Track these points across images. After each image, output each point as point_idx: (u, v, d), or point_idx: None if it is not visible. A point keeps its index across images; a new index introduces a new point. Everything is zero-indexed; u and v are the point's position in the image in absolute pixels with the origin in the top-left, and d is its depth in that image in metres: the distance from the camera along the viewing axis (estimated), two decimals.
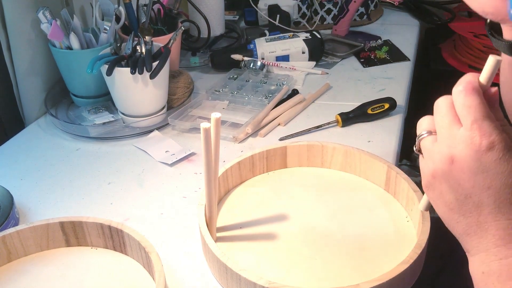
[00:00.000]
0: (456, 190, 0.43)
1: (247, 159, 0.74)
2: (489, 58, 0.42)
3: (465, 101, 0.41)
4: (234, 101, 0.98)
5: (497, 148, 0.40)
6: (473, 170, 0.41)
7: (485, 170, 0.41)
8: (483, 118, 0.41)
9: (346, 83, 1.07)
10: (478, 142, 0.40)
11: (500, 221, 0.41)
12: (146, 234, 0.62)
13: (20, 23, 0.91)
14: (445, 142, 0.42)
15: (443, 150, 0.43)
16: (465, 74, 0.43)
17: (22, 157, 0.88)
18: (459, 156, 0.41)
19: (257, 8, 1.32)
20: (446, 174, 0.43)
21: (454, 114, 0.43)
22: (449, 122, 0.43)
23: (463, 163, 0.41)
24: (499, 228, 0.41)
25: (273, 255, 0.63)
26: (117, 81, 0.87)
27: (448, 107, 0.43)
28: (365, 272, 0.59)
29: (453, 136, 0.42)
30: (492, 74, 0.43)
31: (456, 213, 0.44)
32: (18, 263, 0.64)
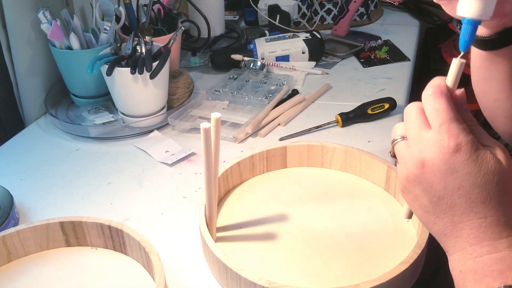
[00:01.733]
0: (429, 193, 0.44)
1: (247, 159, 0.74)
2: (453, 61, 0.43)
3: (434, 105, 0.43)
4: (234, 101, 0.98)
5: (464, 149, 0.41)
6: (443, 172, 0.42)
7: (454, 171, 0.42)
8: (450, 121, 0.42)
9: (346, 83, 1.07)
10: (446, 144, 0.42)
11: (473, 220, 0.43)
12: (146, 234, 0.62)
13: (20, 23, 0.91)
14: (416, 147, 0.44)
15: (414, 155, 0.44)
16: (434, 78, 0.45)
17: (22, 157, 0.88)
18: (429, 159, 0.43)
19: (257, 8, 1.32)
20: (418, 178, 0.44)
21: (423, 118, 0.44)
22: (418, 127, 0.44)
23: (433, 165, 0.43)
24: (473, 227, 0.43)
25: (273, 255, 0.63)
26: (117, 81, 0.87)
27: (417, 112, 0.45)
28: (365, 272, 0.59)
29: (423, 140, 0.43)
30: (457, 77, 0.44)
31: (432, 215, 0.45)
32: (18, 263, 0.64)
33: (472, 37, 0.43)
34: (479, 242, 0.42)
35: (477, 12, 0.41)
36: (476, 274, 0.42)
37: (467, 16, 0.42)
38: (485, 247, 0.42)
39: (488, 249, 0.42)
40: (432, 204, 0.44)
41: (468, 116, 0.45)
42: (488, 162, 0.42)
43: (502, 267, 0.41)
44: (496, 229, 0.42)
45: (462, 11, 0.42)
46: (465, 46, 0.43)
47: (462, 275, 0.43)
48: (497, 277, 0.41)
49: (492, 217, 0.42)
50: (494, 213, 0.42)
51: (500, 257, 0.42)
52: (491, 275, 0.41)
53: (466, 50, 0.43)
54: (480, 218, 0.42)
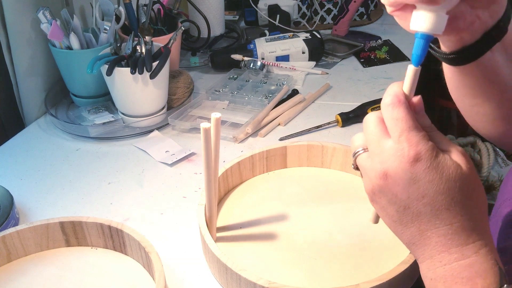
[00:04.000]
0: (395, 203, 0.44)
1: (247, 159, 0.74)
2: (408, 68, 0.43)
3: (393, 114, 0.43)
4: (234, 101, 0.98)
5: (425, 157, 0.41)
6: (406, 182, 0.42)
7: (417, 180, 0.42)
8: (409, 129, 0.42)
9: (346, 83, 1.07)
10: (407, 154, 0.42)
11: (439, 228, 0.43)
12: (146, 234, 0.62)
13: (20, 23, 0.91)
14: (377, 158, 0.44)
15: (376, 167, 0.44)
16: (390, 85, 0.44)
17: (22, 157, 0.88)
18: (391, 170, 0.43)
19: (257, 8, 1.32)
20: (383, 189, 0.44)
21: (382, 128, 0.44)
22: (378, 137, 0.44)
23: (396, 176, 0.43)
24: (440, 235, 0.43)
25: (273, 255, 0.63)
26: (117, 81, 0.87)
27: (376, 122, 0.45)
28: (365, 272, 0.59)
29: (383, 150, 0.43)
30: (414, 84, 0.44)
31: (399, 225, 0.45)
32: (18, 263, 0.64)
33: (425, 52, 0.43)
34: (447, 249, 0.43)
35: (429, 26, 0.41)
36: (446, 282, 0.42)
37: (419, 31, 0.42)
38: (453, 254, 0.42)
39: (456, 256, 0.42)
40: (399, 214, 0.44)
41: (426, 122, 0.45)
42: (449, 168, 0.42)
43: (471, 273, 0.41)
44: (463, 235, 0.42)
45: (415, 25, 0.42)
46: (418, 61, 0.43)
47: (433, 283, 0.44)
48: (466, 284, 0.41)
49: (458, 223, 0.42)
50: (460, 219, 0.42)
51: (468, 263, 0.42)
52: (461, 282, 0.42)
53: (418, 64, 0.43)
54: (446, 225, 0.42)
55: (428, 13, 0.41)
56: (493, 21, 0.46)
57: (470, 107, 0.58)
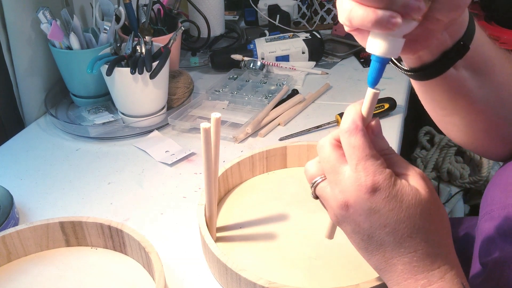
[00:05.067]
0: (358, 232, 0.44)
1: (247, 159, 0.74)
2: (367, 91, 0.43)
3: (350, 141, 0.42)
4: (234, 101, 0.98)
5: (382, 186, 0.41)
6: (366, 212, 0.42)
7: (377, 210, 0.42)
8: (366, 158, 0.42)
9: (346, 83, 1.07)
10: (364, 184, 0.41)
11: (404, 255, 0.43)
12: (146, 234, 0.62)
13: (20, 23, 0.91)
14: (337, 188, 0.43)
15: (337, 197, 0.43)
16: (348, 108, 0.45)
17: (22, 157, 0.88)
18: (351, 200, 0.42)
19: (257, 8, 1.32)
20: (346, 219, 0.44)
21: (337, 154, 0.44)
22: (335, 164, 0.43)
23: (357, 206, 0.42)
24: (405, 263, 0.43)
25: (273, 255, 0.63)
26: (117, 81, 0.87)
27: (330, 149, 0.44)
28: (365, 272, 0.59)
29: (342, 179, 0.43)
30: (372, 106, 0.44)
31: (365, 252, 0.45)
32: (18, 263, 0.64)
33: (380, 74, 0.42)
34: (413, 276, 0.43)
35: (384, 51, 0.41)
36: None
37: (375, 53, 0.42)
38: (420, 280, 0.42)
39: (423, 282, 0.42)
40: (363, 242, 0.44)
41: (384, 145, 0.45)
42: (408, 195, 0.42)
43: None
44: (428, 261, 0.42)
45: (370, 48, 0.42)
46: (373, 82, 0.42)
47: None
48: None
49: (422, 250, 0.42)
50: (423, 245, 0.42)
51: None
52: None
53: (374, 86, 0.43)
54: (410, 253, 0.42)
55: (382, 38, 0.40)
56: (453, 41, 0.46)
57: (440, 117, 0.58)
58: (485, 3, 1.36)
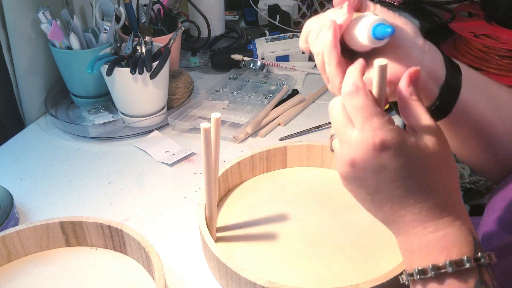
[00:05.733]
0: (365, 187, 0.44)
1: (247, 159, 0.74)
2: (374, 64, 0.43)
3: (353, 103, 0.43)
4: (234, 101, 0.98)
5: (390, 144, 0.41)
6: (374, 169, 0.42)
7: (384, 167, 0.42)
8: (371, 117, 0.42)
9: None
10: (372, 142, 0.41)
11: (413, 207, 0.43)
12: (146, 234, 0.62)
13: (20, 23, 0.91)
14: (344, 146, 0.44)
15: (344, 154, 0.44)
16: (348, 71, 0.45)
17: (22, 157, 0.88)
18: (358, 159, 0.43)
19: (257, 8, 1.32)
20: (351, 176, 0.44)
21: (345, 116, 0.44)
22: (342, 126, 0.44)
23: (364, 164, 0.43)
24: (414, 213, 0.43)
25: (273, 255, 0.63)
26: (117, 81, 0.87)
27: (339, 110, 0.45)
28: (365, 272, 0.59)
29: (349, 139, 0.43)
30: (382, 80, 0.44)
31: (372, 205, 0.45)
32: (18, 263, 0.64)
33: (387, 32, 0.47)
34: (422, 224, 0.43)
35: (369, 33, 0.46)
36: (422, 253, 0.43)
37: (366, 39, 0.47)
38: (428, 227, 0.43)
39: (431, 229, 0.43)
40: (370, 196, 0.45)
41: None
42: (418, 151, 0.42)
43: (446, 243, 0.42)
44: (436, 210, 0.43)
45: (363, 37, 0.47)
46: None
47: (409, 254, 0.45)
48: (441, 253, 0.42)
49: (431, 201, 0.43)
50: (433, 198, 0.43)
51: (443, 234, 0.42)
52: (436, 252, 0.42)
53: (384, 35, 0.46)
54: (420, 203, 0.43)
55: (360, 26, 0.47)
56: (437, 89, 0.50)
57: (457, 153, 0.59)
58: (485, 3, 1.36)
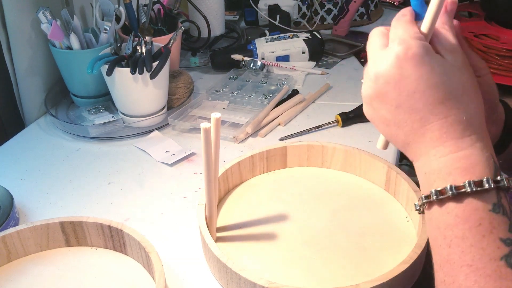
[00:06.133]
0: (386, 103, 0.45)
1: (247, 159, 0.74)
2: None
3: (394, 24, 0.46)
4: (234, 101, 0.98)
5: (415, 52, 0.42)
6: (396, 79, 0.43)
7: (407, 76, 0.42)
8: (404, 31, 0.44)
9: (346, 83, 1.07)
10: (396, 51, 0.43)
11: (433, 122, 0.43)
12: (146, 234, 0.62)
13: (20, 23, 0.91)
14: (371, 63, 0.45)
15: (369, 70, 0.45)
16: None
17: (22, 157, 0.88)
18: (382, 70, 0.44)
19: (257, 8, 1.32)
20: (374, 91, 0.45)
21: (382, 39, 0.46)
22: (376, 46, 0.46)
23: (386, 75, 0.43)
24: (434, 130, 0.43)
25: (273, 255, 0.63)
26: (117, 81, 0.87)
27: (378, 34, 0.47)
28: (365, 272, 0.59)
29: (378, 55, 0.45)
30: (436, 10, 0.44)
31: (393, 126, 0.45)
32: (18, 263, 0.64)
33: None
34: (442, 143, 0.43)
35: None
36: (441, 173, 0.42)
37: None
38: (448, 147, 0.42)
39: (451, 149, 0.42)
40: (391, 115, 0.45)
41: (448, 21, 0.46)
42: (442, 64, 0.42)
43: (466, 164, 0.41)
44: (458, 127, 0.42)
45: None
46: None
47: (427, 176, 0.44)
48: (461, 174, 0.41)
49: (453, 116, 0.42)
50: (455, 112, 0.42)
51: (463, 155, 0.42)
52: (455, 172, 0.41)
53: None
54: (440, 119, 0.42)
55: None
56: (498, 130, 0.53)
57: None
58: (485, 3, 1.36)
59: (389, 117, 0.45)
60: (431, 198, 0.42)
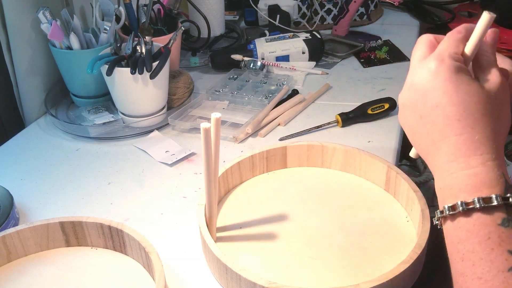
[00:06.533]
0: (414, 111, 0.48)
1: (247, 159, 0.74)
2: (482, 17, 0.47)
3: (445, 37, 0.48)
4: (234, 101, 0.98)
5: (446, 69, 0.45)
6: (425, 89, 0.46)
7: (435, 89, 0.46)
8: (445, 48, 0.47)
9: (346, 83, 1.07)
10: (431, 64, 0.46)
11: (449, 137, 0.45)
12: (146, 234, 0.62)
13: (20, 23, 0.91)
14: (411, 73, 0.49)
15: (407, 79, 0.49)
16: None
17: (22, 157, 0.88)
18: (416, 79, 0.47)
19: (257, 8, 1.32)
20: (407, 98, 0.49)
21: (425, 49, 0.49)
22: (419, 54, 0.49)
23: (419, 84, 0.47)
24: (449, 145, 0.45)
25: (273, 255, 0.63)
26: (117, 81, 0.87)
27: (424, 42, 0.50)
28: (365, 272, 0.59)
29: (417, 65, 0.48)
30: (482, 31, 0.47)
31: (418, 135, 0.49)
32: (18, 263, 0.64)
33: None
34: (456, 159, 0.45)
35: None
36: (453, 189, 0.45)
37: None
38: (461, 163, 0.44)
39: (463, 166, 0.44)
40: (417, 123, 0.48)
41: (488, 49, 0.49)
42: (469, 85, 0.45)
43: (475, 182, 0.43)
44: (471, 146, 0.44)
45: None
46: None
47: (441, 192, 0.46)
48: (471, 191, 0.43)
49: (467, 134, 0.44)
50: (469, 131, 0.44)
51: (473, 173, 0.44)
52: (465, 189, 0.44)
53: None
54: (456, 135, 0.45)
55: None
56: None
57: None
58: (485, 3, 1.36)
59: (415, 126, 0.49)
60: (445, 213, 0.45)
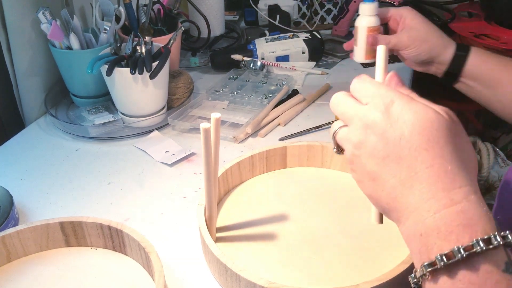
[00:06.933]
0: (374, 156, 0.42)
1: (247, 159, 0.74)
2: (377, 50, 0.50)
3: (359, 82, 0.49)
4: (234, 101, 0.98)
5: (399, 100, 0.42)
6: (383, 128, 0.42)
7: (393, 123, 0.41)
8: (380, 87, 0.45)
9: (346, 83, 1.06)
10: (382, 101, 0.43)
11: (421, 171, 0.40)
12: (146, 234, 0.62)
13: (20, 23, 0.91)
14: (355, 118, 0.45)
15: (357, 124, 0.44)
16: None
17: (22, 157, 0.88)
18: (370, 120, 0.43)
19: (257, 8, 1.32)
20: (363, 143, 0.43)
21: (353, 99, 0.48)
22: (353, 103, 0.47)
23: (375, 125, 0.42)
24: (422, 180, 0.40)
25: (273, 255, 0.63)
26: (117, 81, 0.87)
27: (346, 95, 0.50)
28: (365, 272, 0.59)
29: (360, 109, 0.45)
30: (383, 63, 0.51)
31: (380, 180, 0.42)
32: (18, 263, 0.64)
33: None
34: (433, 196, 0.39)
35: None
36: (440, 233, 0.38)
37: None
38: (441, 200, 0.38)
39: (445, 202, 0.38)
40: (378, 167, 0.42)
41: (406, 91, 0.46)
42: (426, 112, 0.41)
43: (466, 220, 0.37)
44: (446, 178, 0.39)
45: None
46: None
47: (424, 238, 0.39)
48: (464, 231, 0.37)
49: (438, 164, 0.39)
50: (439, 161, 0.39)
51: (460, 209, 0.38)
52: (457, 231, 0.37)
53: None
54: (427, 168, 0.39)
55: None
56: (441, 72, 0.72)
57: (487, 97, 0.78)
58: (485, 3, 1.36)
59: (377, 171, 0.42)
60: (437, 265, 0.37)
